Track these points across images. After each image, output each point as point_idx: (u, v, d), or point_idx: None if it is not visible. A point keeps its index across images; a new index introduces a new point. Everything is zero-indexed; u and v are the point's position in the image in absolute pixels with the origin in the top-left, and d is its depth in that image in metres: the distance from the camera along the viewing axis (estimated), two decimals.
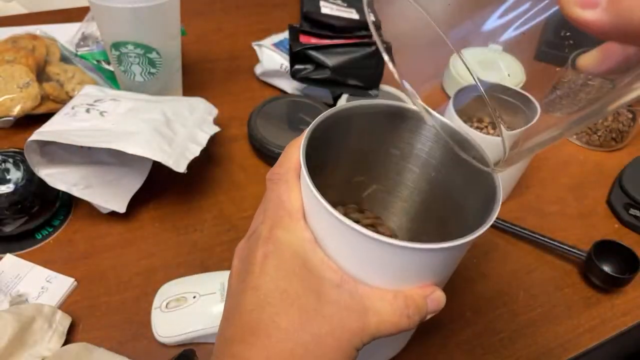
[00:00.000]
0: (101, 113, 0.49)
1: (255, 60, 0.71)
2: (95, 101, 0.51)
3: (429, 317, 0.28)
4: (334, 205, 0.25)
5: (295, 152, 0.28)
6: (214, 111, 0.55)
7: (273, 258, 0.25)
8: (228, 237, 0.51)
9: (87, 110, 0.49)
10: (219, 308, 0.41)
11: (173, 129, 0.49)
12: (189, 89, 0.65)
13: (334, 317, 0.25)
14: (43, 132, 0.46)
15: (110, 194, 0.50)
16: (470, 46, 0.25)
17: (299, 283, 0.25)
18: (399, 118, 0.33)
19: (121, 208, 0.49)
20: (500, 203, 0.28)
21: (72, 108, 0.50)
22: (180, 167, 0.46)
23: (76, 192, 0.48)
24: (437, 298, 0.28)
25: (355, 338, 0.25)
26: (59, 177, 0.47)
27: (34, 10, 0.82)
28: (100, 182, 0.50)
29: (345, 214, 0.25)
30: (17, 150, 0.47)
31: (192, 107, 0.53)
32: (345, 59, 0.63)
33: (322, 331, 0.24)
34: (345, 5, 0.77)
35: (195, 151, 0.48)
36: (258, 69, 0.72)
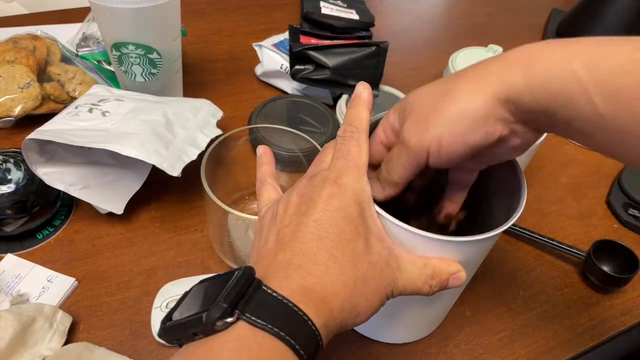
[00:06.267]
0: (103, 113, 0.49)
1: (256, 60, 0.71)
2: (100, 101, 0.50)
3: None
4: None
5: (364, 113, 0.32)
6: (218, 113, 0.54)
7: (337, 199, 0.28)
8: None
9: (90, 110, 0.49)
10: None
11: (172, 131, 0.48)
12: (189, 90, 0.65)
13: (377, 265, 0.28)
14: (41, 131, 0.46)
15: (108, 195, 0.50)
16: None
17: (354, 227, 0.28)
18: None
19: (118, 209, 0.49)
20: (525, 201, 0.33)
21: (76, 107, 0.50)
22: (175, 171, 0.45)
23: (73, 192, 0.48)
24: (460, 277, 0.31)
25: (388, 288, 0.29)
26: (57, 177, 0.47)
27: (34, 11, 0.82)
28: (98, 183, 0.50)
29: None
30: (18, 150, 0.47)
31: (196, 109, 0.52)
32: (345, 60, 0.63)
33: (368, 273, 0.27)
34: (345, 5, 0.77)
35: (192, 155, 0.47)
36: (258, 70, 0.72)
